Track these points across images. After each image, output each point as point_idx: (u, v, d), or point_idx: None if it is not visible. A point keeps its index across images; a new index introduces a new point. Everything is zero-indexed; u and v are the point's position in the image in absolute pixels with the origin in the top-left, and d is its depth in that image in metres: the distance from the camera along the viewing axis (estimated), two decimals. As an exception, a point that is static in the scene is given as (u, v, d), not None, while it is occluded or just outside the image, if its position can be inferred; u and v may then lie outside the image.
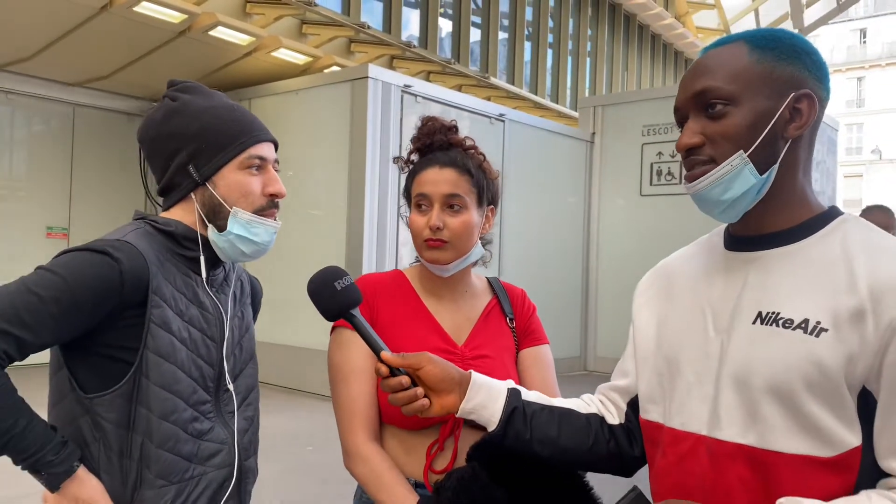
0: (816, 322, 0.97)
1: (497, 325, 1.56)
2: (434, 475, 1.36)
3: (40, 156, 9.62)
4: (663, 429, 1.11)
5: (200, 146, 1.33)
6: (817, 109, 1.05)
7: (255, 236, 1.34)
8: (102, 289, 1.17)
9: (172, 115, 1.36)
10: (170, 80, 1.44)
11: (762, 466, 0.98)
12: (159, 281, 1.24)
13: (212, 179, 1.33)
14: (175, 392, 1.22)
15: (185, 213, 1.36)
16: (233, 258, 1.37)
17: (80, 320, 1.17)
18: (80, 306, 1.15)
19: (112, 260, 1.19)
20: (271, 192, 1.39)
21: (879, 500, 0.92)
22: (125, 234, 1.29)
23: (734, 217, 1.09)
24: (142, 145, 1.42)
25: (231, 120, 1.37)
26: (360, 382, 1.43)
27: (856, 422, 0.96)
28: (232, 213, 1.31)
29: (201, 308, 1.31)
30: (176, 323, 1.25)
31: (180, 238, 1.32)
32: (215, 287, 1.36)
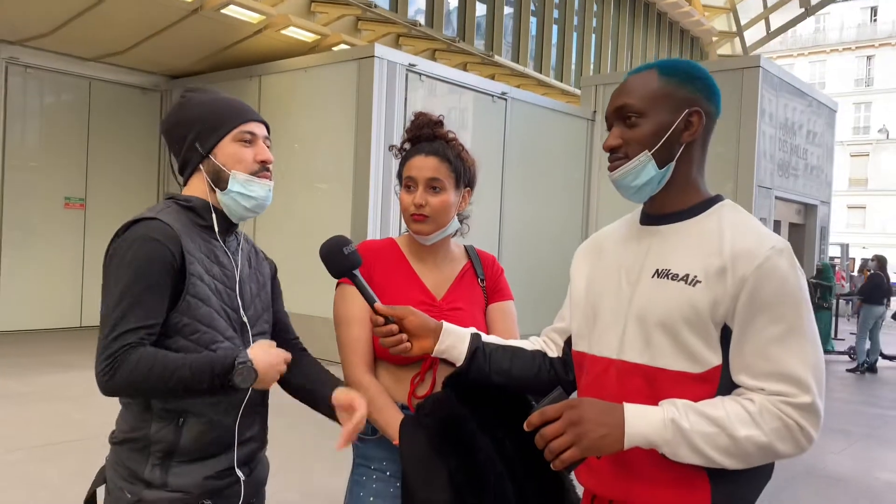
0: (694, 276, 1.32)
1: (470, 284, 1.90)
2: (416, 399, 1.72)
3: (58, 129, 9.94)
4: (586, 356, 1.46)
5: (203, 127, 1.66)
6: (705, 122, 1.39)
7: (252, 192, 1.66)
8: (165, 265, 1.51)
9: (182, 107, 1.70)
10: (185, 87, 1.78)
11: (652, 379, 1.33)
12: (189, 245, 1.57)
13: (213, 151, 1.65)
14: (212, 327, 1.57)
15: (199, 184, 1.68)
16: (238, 214, 1.69)
17: (167, 294, 1.51)
18: (163, 286, 1.50)
19: (161, 245, 1.52)
20: (261, 160, 1.70)
21: (730, 402, 1.27)
22: (158, 211, 1.62)
23: (641, 199, 1.43)
24: (163, 136, 1.76)
25: (225, 106, 1.71)
26: (358, 328, 1.78)
27: (718, 348, 1.30)
28: (231, 175, 1.64)
29: (221, 266, 1.65)
30: (206, 277, 1.59)
31: (199, 210, 1.65)
32: (231, 250, 1.71)
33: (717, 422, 1.25)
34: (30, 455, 4.61)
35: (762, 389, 1.26)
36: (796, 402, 1.24)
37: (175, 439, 1.53)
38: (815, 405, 1.25)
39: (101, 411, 6.18)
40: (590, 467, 1.41)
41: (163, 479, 1.52)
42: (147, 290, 1.49)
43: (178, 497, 1.52)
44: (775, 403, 1.25)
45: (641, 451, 1.30)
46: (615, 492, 1.38)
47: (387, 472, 1.74)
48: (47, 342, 8.88)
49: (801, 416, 1.24)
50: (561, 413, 1.27)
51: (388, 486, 1.74)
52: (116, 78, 10.30)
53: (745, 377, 1.28)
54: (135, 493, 1.52)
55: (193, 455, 1.55)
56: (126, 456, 1.56)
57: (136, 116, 10.62)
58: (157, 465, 1.53)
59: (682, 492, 1.30)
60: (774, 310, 1.26)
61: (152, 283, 1.49)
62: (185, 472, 1.53)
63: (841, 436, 6.45)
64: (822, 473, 5.24)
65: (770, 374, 1.26)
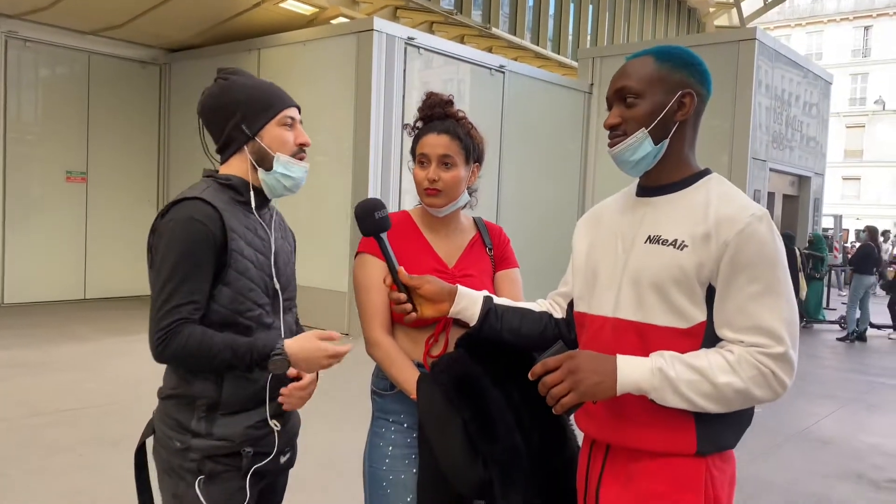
0: (682, 241, 1.46)
1: (479, 253, 2.04)
2: (430, 358, 1.87)
3: (58, 102, 9.99)
4: (586, 316, 1.61)
5: (249, 110, 1.77)
6: (696, 103, 1.53)
7: (292, 173, 1.80)
8: (208, 243, 1.65)
9: (225, 89, 1.80)
10: (219, 68, 1.88)
11: (644, 334, 1.48)
12: (231, 222, 1.70)
13: (259, 134, 1.77)
14: (248, 297, 1.71)
15: (239, 163, 1.79)
16: (277, 193, 1.82)
17: (211, 269, 1.65)
18: (207, 262, 1.64)
19: (203, 225, 1.65)
20: (300, 143, 1.84)
21: (713, 353, 1.42)
22: (201, 191, 1.73)
23: (638, 173, 1.57)
24: (201, 116, 1.84)
25: (269, 91, 1.83)
26: (376, 294, 1.92)
27: (703, 305, 1.45)
28: (276, 157, 1.77)
29: (260, 238, 1.79)
30: (248, 250, 1.73)
31: (238, 188, 1.78)
32: (268, 222, 1.84)
33: (700, 370, 1.40)
34: (49, 420, 4.79)
35: (741, 342, 1.41)
36: (771, 353, 1.40)
37: (216, 395, 1.68)
38: (788, 355, 1.41)
39: (112, 381, 6.37)
40: (588, 414, 1.57)
41: (208, 429, 1.68)
42: (194, 268, 1.63)
43: (222, 444, 1.68)
44: (752, 354, 1.40)
45: (633, 398, 1.45)
46: (611, 436, 1.54)
47: (404, 423, 1.91)
48: (53, 314, 9.04)
49: (776, 365, 1.40)
50: (561, 363, 1.42)
51: (404, 436, 1.90)
52: (115, 51, 10.32)
53: (726, 331, 1.44)
54: (184, 442, 1.68)
55: (234, 408, 1.70)
56: (174, 410, 1.71)
57: (135, 90, 10.66)
58: (203, 418, 1.68)
59: (671, 434, 1.46)
60: (753, 270, 1.41)
61: (198, 262, 1.64)
62: (227, 423, 1.69)
63: (829, 401, 6.67)
64: (811, 436, 5.45)
65: (748, 327, 1.41)
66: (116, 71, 10.44)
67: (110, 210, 10.34)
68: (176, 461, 1.69)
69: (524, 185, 10.39)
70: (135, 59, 10.59)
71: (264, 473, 1.77)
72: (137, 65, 10.66)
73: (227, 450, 1.68)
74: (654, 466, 1.48)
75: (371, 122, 8.28)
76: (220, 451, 1.68)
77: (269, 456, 1.75)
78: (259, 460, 1.73)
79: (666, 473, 1.47)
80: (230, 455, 1.69)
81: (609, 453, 1.56)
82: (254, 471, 1.73)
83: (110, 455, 4.20)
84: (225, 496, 1.68)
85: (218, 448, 1.68)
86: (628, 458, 1.52)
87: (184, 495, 1.67)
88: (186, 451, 1.67)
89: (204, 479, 1.67)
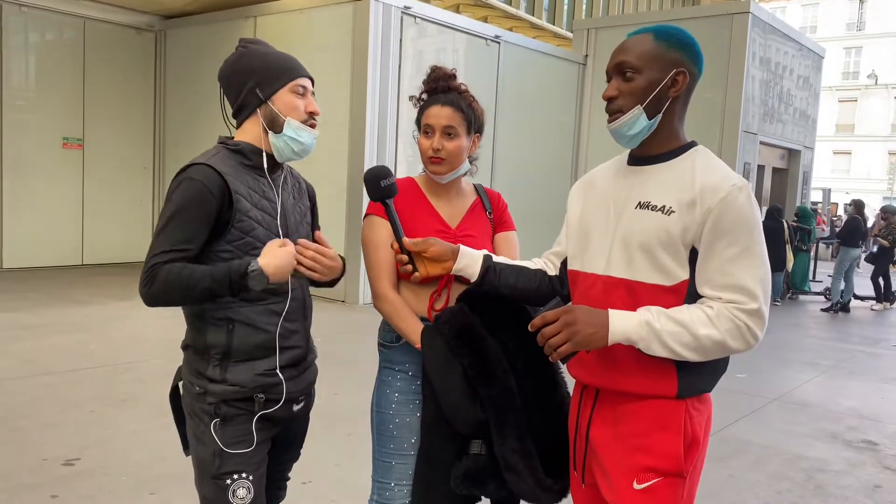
0: (669, 207, 1.61)
1: (479, 216, 2.19)
2: (434, 312, 2.02)
3: (53, 68, 9.98)
4: (579, 273, 1.76)
5: (264, 76, 1.89)
6: (688, 81, 1.67)
7: (301, 138, 1.91)
8: (203, 202, 1.77)
9: (243, 56, 1.92)
10: (241, 38, 1.99)
11: (633, 291, 1.63)
12: (236, 185, 1.82)
13: (272, 98, 1.88)
14: (253, 255, 1.80)
15: (252, 127, 1.90)
16: (286, 156, 1.93)
17: (205, 225, 1.78)
18: (200, 218, 1.77)
19: (202, 185, 1.77)
20: (310, 111, 1.95)
21: (694, 308, 1.58)
22: (209, 157, 1.85)
23: (633, 145, 1.71)
24: (221, 81, 1.95)
25: (284, 60, 1.94)
26: (383, 251, 2.07)
27: (686, 265, 1.60)
28: (286, 121, 1.88)
29: (268, 200, 1.91)
30: (253, 211, 1.84)
31: (247, 153, 1.89)
32: (278, 185, 1.96)
33: (683, 323, 1.56)
34: (58, 379, 4.95)
35: (720, 298, 1.57)
36: (746, 308, 1.55)
37: (227, 342, 1.82)
38: (761, 311, 1.56)
39: (114, 343, 6.54)
40: (580, 362, 1.73)
41: (222, 375, 1.82)
42: (183, 220, 1.76)
43: (236, 389, 1.83)
44: (729, 309, 1.55)
45: (622, 348, 1.61)
46: (601, 381, 1.70)
47: (409, 372, 2.07)
48: (52, 279, 9.15)
49: (750, 319, 1.55)
50: (558, 316, 1.57)
51: (409, 384, 2.06)
52: (111, 17, 10.29)
53: (706, 289, 1.59)
54: (202, 387, 1.83)
55: (244, 356, 1.84)
56: (192, 359, 1.87)
57: (131, 56, 10.65)
58: (217, 365, 1.83)
59: (654, 379, 1.62)
60: (732, 234, 1.56)
61: (189, 215, 1.76)
62: (239, 370, 1.83)
63: (811, 368, 6.91)
64: (791, 400, 5.68)
65: (726, 286, 1.56)
66: (112, 37, 10.42)
67: (107, 176, 10.40)
68: (197, 404, 1.84)
69: (519, 154, 10.50)
70: (130, 25, 10.56)
71: (277, 420, 1.91)
72: (133, 31, 10.64)
73: (240, 395, 1.83)
74: (639, 407, 1.64)
75: (367, 90, 8.34)
76: (234, 395, 1.82)
77: (279, 402, 1.88)
78: (271, 406, 1.87)
79: (649, 414, 1.63)
80: (244, 399, 1.83)
81: (598, 397, 1.72)
82: (267, 416, 1.87)
83: (120, 411, 4.37)
84: (236, 437, 1.83)
85: (232, 392, 1.82)
86: (616, 401, 1.68)
87: (202, 435, 1.83)
88: (204, 395, 1.82)
89: (219, 421, 1.82)
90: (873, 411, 5.48)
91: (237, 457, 1.82)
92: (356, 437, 4.05)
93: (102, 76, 10.35)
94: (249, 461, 1.84)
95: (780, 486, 3.86)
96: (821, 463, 4.26)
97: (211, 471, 1.82)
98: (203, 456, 1.83)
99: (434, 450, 1.92)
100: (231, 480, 1.82)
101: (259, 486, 1.87)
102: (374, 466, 2.10)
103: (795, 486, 3.89)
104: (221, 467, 1.81)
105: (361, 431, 2.19)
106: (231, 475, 1.82)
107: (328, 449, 3.84)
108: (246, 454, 1.84)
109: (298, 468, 2.19)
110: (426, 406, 1.96)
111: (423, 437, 1.98)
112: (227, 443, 1.81)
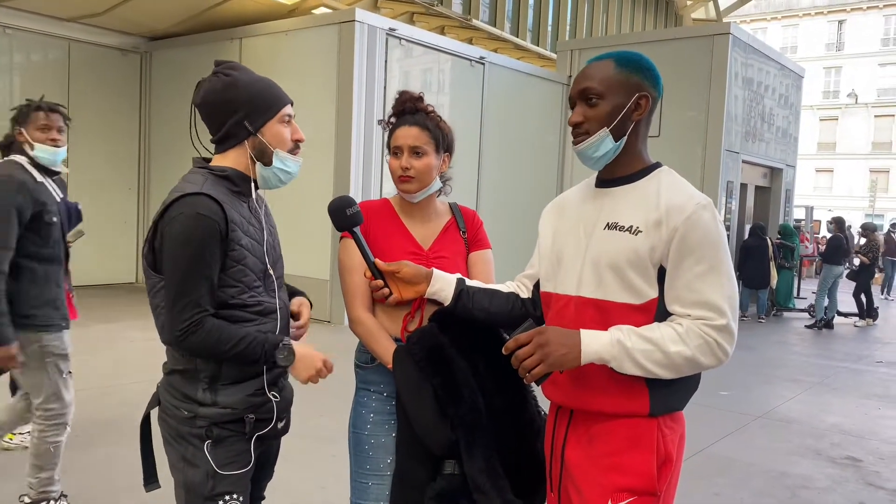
0: (637, 227, 1.63)
1: (453, 236, 2.20)
2: (408, 333, 2.02)
3: (38, 90, 9.72)
4: (552, 295, 1.78)
5: (253, 108, 1.88)
6: (650, 104, 1.70)
7: (289, 168, 1.94)
8: (214, 238, 1.77)
9: (229, 86, 1.89)
10: (216, 60, 1.99)
11: (603, 310, 1.65)
12: (231, 213, 1.82)
13: (261, 131, 1.89)
14: (241, 282, 1.83)
15: (237, 156, 1.90)
16: (272, 185, 1.95)
17: (217, 260, 1.78)
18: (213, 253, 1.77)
19: (214, 222, 1.77)
20: (296, 139, 1.98)
21: (664, 326, 1.59)
22: (201, 185, 1.82)
23: (600, 167, 1.74)
24: (200, 108, 1.93)
25: (270, 89, 1.95)
26: (358, 275, 2.07)
27: (655, 284, 1.62)
28: (275, 153, 1.90)
29: (253, 226, 1.92)
30: (245, 240, 1.85)
31: (235, 179, 1.89)
32: (260, 211, 1.97)
33: (653, 341, 1.57)
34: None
35: (689, 315, 1.59)
36: (715, 324, 1.57)
37: (217, 365, 1.82)
38: (730, 326, 1.58)
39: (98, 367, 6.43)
40: (554, 383, 1.73)
41: (213, 398, 1.81)
42: (208, 261, 1.77)
43: (227, 412, 1.82)
44: (699, 325, 1.57)
45: (594, 368, 1.62)
46: (574, 401, 1.70)
47: (384, 393, 2.07)
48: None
49: (719, 335, 1.57)
50: (531, 338, 1.59)
51: (384, 404, 2.06)
52: (96, 39, 10.31)
53: (676, 306, 1.61)
54: (191, 411, 1.82)
55: (233, 379, 1.84)
56: (179, 383, 1.85)
57: (116, 78, 10.66)
58: (207, 389, 1.82)
59: (626, 398, 1.63)
60: (698, 252, 1.58)
61: (211, 255, 1.77)
62: (229, 392, 1.83)
63: (794, 384, 6.94)
64: (775, 416, 5.70)
65: (694, 302, 1.58)
66: (97, 58, 10.43)
67: (92, 198, 10.29)
68: (185, 428, 1.82)
69: (503, 174, 10.56)
70: (115, 46, 10.58)
71: (263, 438, 1.91)
72: (118, 52, 10.66)
73: (231, 416, 1.83)
74: (613, 427, 1.65)
75: (353, 112, 8.38)
76: (225, 417, 1.82)
77: (270, 422, 1.89)
78: (260, 426, 1.88)
79: (623, 433, 1.64)
80: (234, 421, 1.83)
81: (573, 418, 1.73)
82: (261, 437, 1.88)
83: (104, 435, 4.32)
84: (228, 459, 1.83)
85: (223, 415, 1.82)
86: (589, 421, 1.69)
87: (193, 457, 1.82)
88: (194, 419, 1.81)
89: (211, 443, 1.81)
90: (857, 428, 5.50)
91: (230, 478, 1.83)
92: (341, 459, 3.98)
93: (87, 98, 10.33)
94: (240, 482, 1.85)
95: (764, 503, 3.87)
96: (805, 480, 4.27)
97: (203, 492, 1.81)
98: (194, 478, 1.82)
99: (408, 470, 1.92)
100: (223, 502, 1.82)
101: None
102: (351, 487, 2.10)
103: (780, 502, 3.90)
104: (215, 488, 1.81)
105: (345, 452, 2.18)
106: (223, 496, 1.82)
107: (313, 471, 3.81)
108: (238, 475, 1.84)
109: (284, 490, 2.19)
110: (400, 426, 1.96)
111: (397, 457, 1.97)
112: (220, 464, 1.81)
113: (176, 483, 1.86)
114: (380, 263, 1.90)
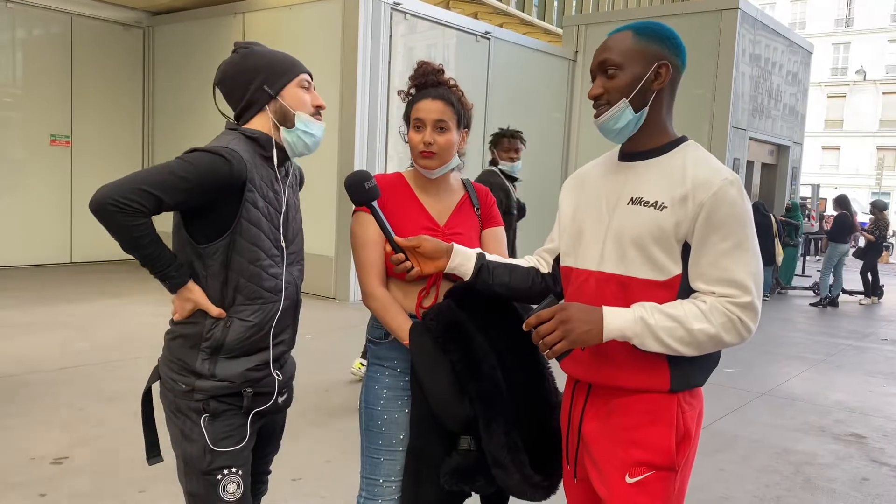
0: (661, 202, 1.61)
1: (467, 212, 2.18)
2: (422, 309, 2.01)
3: (40, 65, 9.89)
4: (573, 270, 1.76)
5: (271, 72, 1.90)
6: (671, 73, 1.66)
7: (312, 131, 1.94)
8: (215, 177, 1.75)
9: (246, 57, 1.93)
10: (236, 42, 2.00)
11: (626, 286, 1.63)
12: (253, 175, 1.82)
13: (281, 94, 1.90)
14: (258, 247, 1.83)
15: (261, 123, 1.91)
16: (299, 151, 1.94)
17: (199, 195, 1.76)
18: (201, 185, 1.74)
19: (225, 160, 1.76)
20: (317, 105, 1.99)
21: (687, 303, 1.58)
22: (229, 141, 1.83)
23: (622, 140, 1.71)
24: (220, 85, 1.94)
25: (285, 56, 1.97)
26: (373, 249, 2.06)
27: (679, 260, 1.60)
28: (297, 115, 1.91)
29: (274, 192, 1.91)
30: (261, 203, 1.84)
31: (263, 142, 1.89)
32: (286, 179, 1.96)
33: (677, 318, 1.56)
34: (47, 377, 4.91)
35: (713, 292, 1.57)
36: (739, 302, 1.55)
37: (222, 337, 1.82)
38: (754, 304, 1.56)
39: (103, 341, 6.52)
40: (574, 358, 1.72)
41: (211, 370, 1.81)
42: (183, 179, 1.72)
43: (224, 385, 1.82)
44: (722, 303, 1.56)
45: (616, 343, 1.61)
46: (593, 376, 1.70)
47: (397, 369, 2.06)
48: (40, 277, 9.09)
49: (743, 313, 1.55)
50: (553, 314, 1.57)
51: (398, 380, 2.06)
52: (98, 14, 10.21)
53: (700, 283, 1.59)
54: (188, 384, 1.82)
55: (235, 352, 1.84)
56: (179, 351, 1.85)
57: (118, 53, 10.57)
58: (206, 359, 1.82)
59: (647, 374, 1.62)
60: (725, 229, 1.56)
61: (198, 181, 1.73)
62: (229, 365, 1.83)
63: (799, 362, 6.95)
64: (780, 394, 5.71)
65: (719, 280, 1.56)
66: (99, 33, 10.33)
67: (96, 173, 10.29)
68: (183, 402, 1.83)
69: (508, 152, 10.46)
70: (118, 21, 10.48)
71: (263, 413, 1.91)
72: (121, 27, 10.56)
73: (229, 390, 1.82)
74: (632, 402, 1.64)
75: (357, 87, 8.31)
76: (223, 391, 1.82)
77: (271, 397, 1.89)
78: (259, 401, 1.87)
79: (642, 408, 1.63)
80: (232, 395, 1.83)
81: (591, 392, 1.72)
82: (260, 412, 1.88)
83: (109, 409, 4.34)
84: (226, 432, 1.83)
85: (220, 388, 1.81)
86: (608, 395, 1.68)
87: (190, 432, 1.82)
88: (192, 392, 1.81)
89: (208, 417, 1.81)
90: (860, 405, 5.52)
91: (227, 452, 1.82)
92: (347, 434, 4.04)
93: (90, 73, 10.26)
94: (239, 456, 1.85)
95: (768, 480, 3.88)
96: (808, 456, 4.28)
97: (201, 467, 1.81)
98: (192, 452, 1.82)
99: (423, 446, 1.92)
100: (221, 476, 1.82)
101: (247, 481, 1.88)
102: (362, 463, 2.10)
103: (784, 479, 3.91)
104: (212, 463, 1.81)
105: (352, 428, 2.18)
106: (221, 470, 1.82)
107: (319, 445, 3.83)
108: (236, 450, 1.84)
109: (289, 464, 2.19)
110: (415, 402, 1.96)
111: (412, 433, 1.97)
112: (217, 438, 1.81)
113: (177, 457, 1.87)
114: (400, 240, 1.88)
